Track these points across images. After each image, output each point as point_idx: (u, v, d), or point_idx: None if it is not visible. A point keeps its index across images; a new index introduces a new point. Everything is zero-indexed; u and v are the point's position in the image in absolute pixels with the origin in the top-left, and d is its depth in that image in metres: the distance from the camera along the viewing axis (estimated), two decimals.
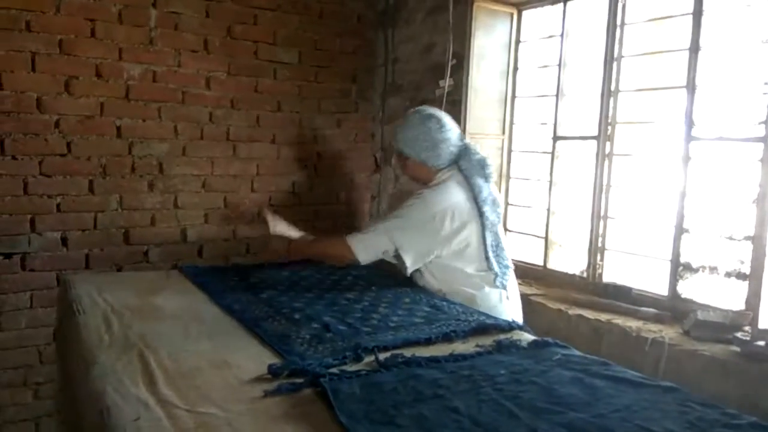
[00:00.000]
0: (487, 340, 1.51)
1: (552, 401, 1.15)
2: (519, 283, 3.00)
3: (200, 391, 1.18)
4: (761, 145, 2.20)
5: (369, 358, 1.36)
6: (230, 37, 3.38)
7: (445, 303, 1.86)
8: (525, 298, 2.84)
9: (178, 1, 3.21)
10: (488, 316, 1.73)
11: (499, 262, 2.14)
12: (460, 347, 1.47)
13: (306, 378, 1.21)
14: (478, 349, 1.45)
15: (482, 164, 2.06)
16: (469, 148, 2.09)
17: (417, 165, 2.05)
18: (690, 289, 2.54)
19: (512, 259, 2.75)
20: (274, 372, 1.25)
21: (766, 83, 2.19)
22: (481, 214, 2.05)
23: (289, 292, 1.92)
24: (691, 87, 2.44)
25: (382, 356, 1.36)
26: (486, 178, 2.10)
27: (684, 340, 2.34)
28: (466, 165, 2.03)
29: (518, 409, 1.11)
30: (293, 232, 2.14)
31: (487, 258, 2.04)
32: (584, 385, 1.22)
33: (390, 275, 2.25)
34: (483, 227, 2.05)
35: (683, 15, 2.48)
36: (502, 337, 1.53)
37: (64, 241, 3.06)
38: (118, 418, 1.05)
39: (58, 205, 3.02)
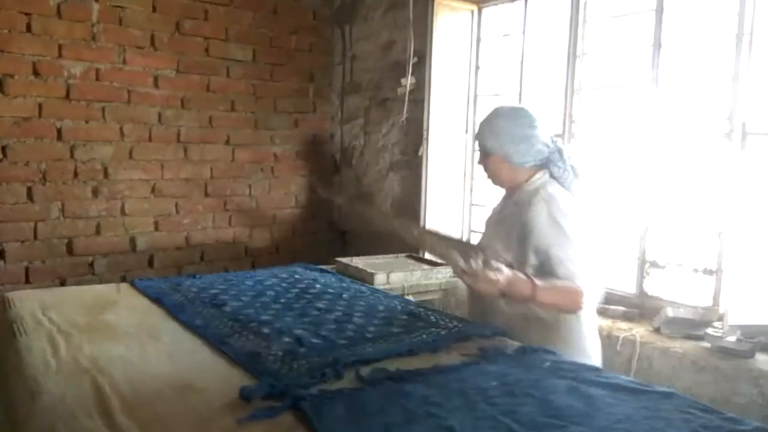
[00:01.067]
0: (471, 349, 1.43)
1: (551, 414, 1.07)
2: None
3: (163, 421, 1.05)
4: (728, 141, 2.22)
5: (349, 374, 1.25)
6: (179, 32, 3.21)
7: (421, 310, 1.77)
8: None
9: None
10: (468, 323, 1.65)
11: None
12: (444, 358, 1.38)
13: (284, 401, 1.10)
14: (463, 359, 1.36)
15: (575, 172, 1.80)
16: (563, 153, 1.81)
17: (499, 161, 1.80)
18: (657, 286, 2.55)
19: None
20: (247, 395, 1.12)
21: (733, 79, 2.20)
22: None
23: (254, 303, 1.78)
24: (655, 83, 2.45)
25: (363, 371, 1.25)
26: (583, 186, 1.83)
27: (655, 337, 2.33)
28: (559, 173, 1.78)
29: (517, 425, 1.03)
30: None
31: None
32: (580, 395, 1.15)
33: (358, 281, 2.15)
34: None
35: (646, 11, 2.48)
36: (486, 344, 1.45)
37: (1, 253, 2.83)
38: None
39: None
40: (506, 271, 1.48)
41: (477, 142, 1.90)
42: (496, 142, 1.79)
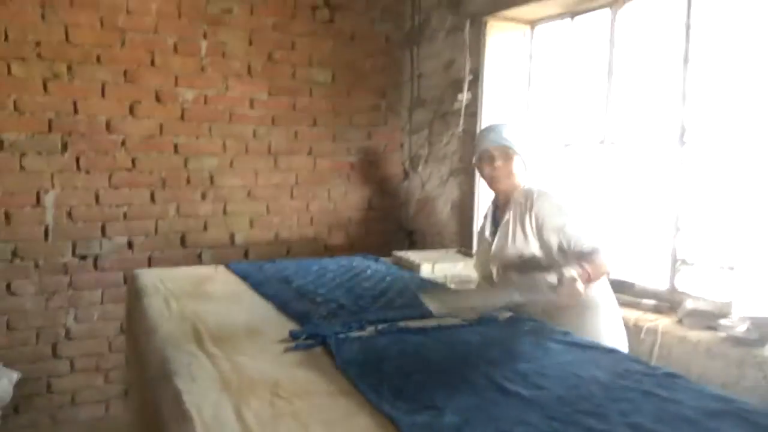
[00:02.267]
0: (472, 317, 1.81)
1: (508, 357, 1.44)
2: None
3: (237, 347, 1.53)
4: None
5: (370, 328, 1.68)
6: (270, 61, 3.79)
7: (442, 286, 2.17)
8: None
9: (225, 32, 3.64)
10: None
11: None
12: (447, 321, 1.77)
13: (317, 339, 1.55)
14: (462, 322, 1.75)
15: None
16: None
17: (519, 164, 2.10)
18: (686, 282, 2.76)
19: None
20: (294, 336, 1.59)
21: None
22: None
23: (315, 281, 2.26)
24: (682, 97, 2.68)
25: (381, 326, 1.68)
26: None
27: (676, 328, 2.56)
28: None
29: (480, 361, 1.41)
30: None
31: None
32: (540, 347, 1.51)
33: (402, 268, 2.58)
34: None
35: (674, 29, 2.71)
36: (485, 314, 1.83)
37: (130, 244, 3.52)
38: (176, 364, 1.41)
39: (124, 214, 3.49)
40: (577, 277, 1.76)
41: (503, 142, 2.10)
42: (526, 147, 2.10)
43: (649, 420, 1.10)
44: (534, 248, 2.03)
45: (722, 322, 2.40)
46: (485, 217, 2.30)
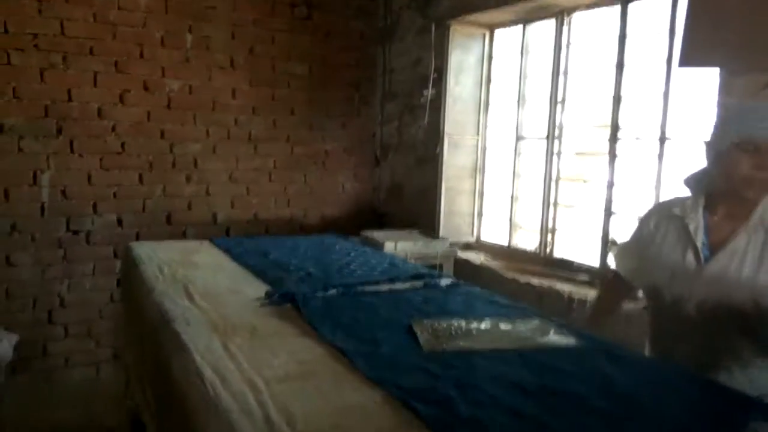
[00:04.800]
0: (419, 283, 2.18)
1: (439, 311, 1.81)
2: (489, 259, 3.69)
3: (222, 303, 1.88)
4: (659, 144, 2.81)
5: (333, 291, 2.04)
6: (252, 54, 4.09)
7: (400, 262, 2.53)
8: (490, 271, 3.50)
9: (209, 26, 3.93)
10: (427, 270, 2.40)
11: None
12: (399, 286, 2.14)
13: (287, 298, 1.90)
14: (409, 287, 2.12)
15: None
16: None
17: None
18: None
19: (482, 240, 3.44)
20: (268, 295, 1.93)
21: (664, 95, 2.79)
22: None
23: (288, 254, 2.61)
24: (616, 97, 3.06)
25: (341, 289, 2.04)
26: None
27: None
28: None
29: (417, 313, 1.78)
30: None
31: None
32: (467, 304, 1.89)
33: (368, 246, 2.94)
34: None
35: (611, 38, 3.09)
36: (430, 281, 2.20)
37: (120, 221, 3.82)
38: (172, 314, 1.75)
39: (114, 193, 3.79)
40: None
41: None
42: None
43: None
44: None
45: (640, 295, 2.81)
46: (676, 219, 1.67)
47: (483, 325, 1.66)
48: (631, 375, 1.39)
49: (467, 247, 3.92)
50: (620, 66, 3.05)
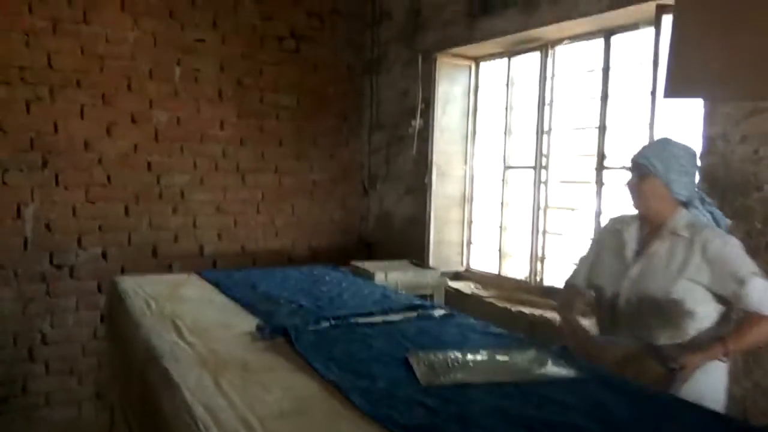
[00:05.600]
0: (413, 314, 2.16)
1: (435, 343, 1.78)
2: (479, 288, 3.67)
3: (211, 338, 1.83)
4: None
5: (325, 323, 2.00)
6: (240, 86, 4.10)
7: (392, 293, 2.51)
8: (480, 300, 3.49)
9: (198, 59, 3.94)
10: (420, 300, 2.37)
11: None
12: (393, 317, 2.11)
13: (279, 331, 1.86)
14: (403, 318, 2.09)
15: (716, 217, 1.95)
16: (705, 199, 1.97)
17: (657, 187, 1.86)
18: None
19: (472, 269, 3.45)
20: (260, 328, 1.90)
21: (649, 125, 2.83)
22: None
23: (280, 287, 2.57)
24: (601, 127, 3.10)
25: (334, 322, 2.00)
26: None
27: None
28: (694, 214, 1.90)
29: (412, 345, 1.75)
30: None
31: None
32: (462, 335, 1.86)
33: (358, 276, 2.92)
34: None
35: (596, 70, 3.15)
36: (423, 311, 2.17)
37: (104, 255, 3.76)
38: (160, 349, 1.70)
39: (99, 226, 3.73)
40: (695, 359, 1.69)
41: (636, 162, 1.90)
42: (664, 167, 1.84)
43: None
44: (686, 292, 1.79)
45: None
46: (617, 232, 2.04)
47: (479, 357, 1.64)
48: (631, 406, 1.37)
49: (457, 276, 3.90)
50: (605, 97, 3.10)
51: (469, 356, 1.64)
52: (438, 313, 2.17)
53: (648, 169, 1.87)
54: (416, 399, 1.36)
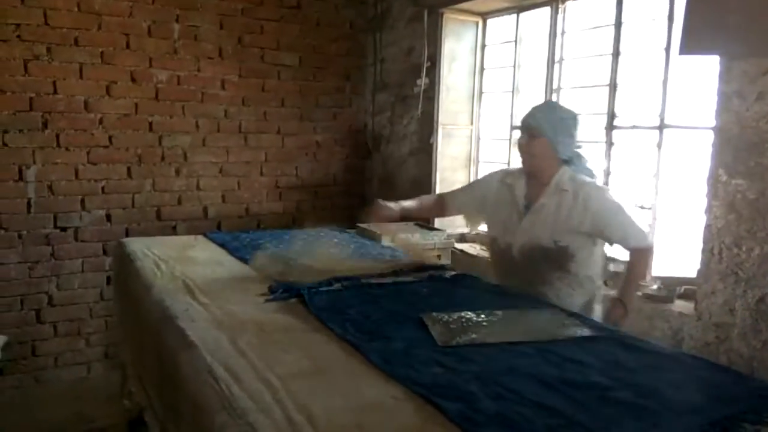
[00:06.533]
0: (423, 275, 2.15)
1: (447, 304, 1.78)
2: (485, 250, 3.67)
3: (224, 299, 1.83)
4: (657, 132, 2.80)
5: (337, 284, 2.00)
6: (241, 45, 4.01)
7: (399, 253, 2.50)
8: (486, 261, 3.47)
9: (197, 16, 3.84)
10: (427, 264, 2.37)
11: None
12: (403, 278, 2.11)
13: (292, 292, 1.86)
14: (414, 279, 2.09)
15: (591, 174, 2.20)
16: (581, 157, 2.18)
17: (544, 146, 2.04)
18: (609, 249, 3.16)
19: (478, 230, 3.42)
20: (273, 290, 1.89)
21: (662, 82, 2.78)
22: None
23: (288, 248, 2.56)
24: (612, 85, 3.05)
25: (346, 282, 2.00)
26: None
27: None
28: (577, 171, 2.13)
29: (424, 305, 1.75)
30: None
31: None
32: (475, 296, 1.86)
33: (365, 239, 2.91)
34: None
35: (608, 26, 3.07)
36: (434, 272, 2.17)
37: (108, 217, 3.73)
38: (174, 310, 1.70)
39: (102, 188, 3.70)
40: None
41: (527, 124, 2.09)
42: (551, 128, 2.03)
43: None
44: (570, 239, 2.04)
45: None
46: (509, 186, 2.22)
47: (494, 317, 1.64)
48: (649, 364, 1.37)
49: (462, 238, 3.90)
50: (616, 54, 3.04)
51: (484, 316, 1.64)
52: (449, 273, 2.17)
53: (538, 130, 2.05)
54: (434, 358, 1.37)
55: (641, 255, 2.12)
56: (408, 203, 2.42)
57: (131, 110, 3.73)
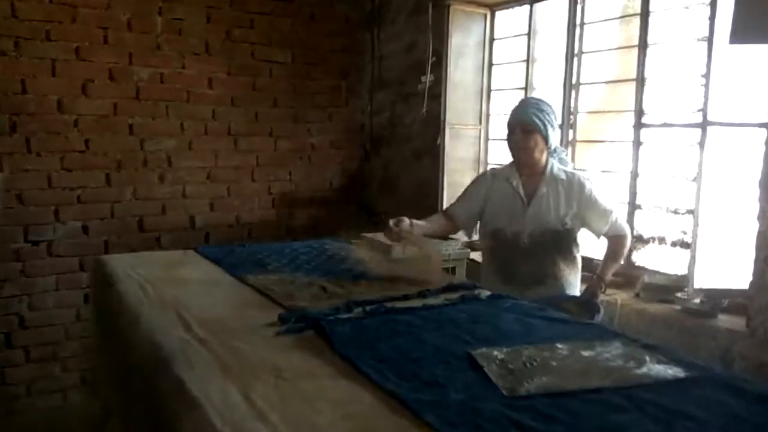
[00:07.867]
0: (455, 296, 1.86)
1: (496, 334, 1.50)
2: None
3: (227, 332, 1.52)
4: (699, 131, 2.55)
5: (358, 310, 1.70)
6: (229, 40, 3.70)
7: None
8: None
9: (182, 8, 3.52)
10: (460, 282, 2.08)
11: None
12: (432, 301, 1.82)
13: (308, 322, 1.56)
14: (446, 301, 1.80)
15: (566, 163, 2.47)
16: (558, 148, 2.45)
17: (541, 141, 2.29)
18: (642, 258, 2.91)
19: None
20: (283, 319, 1.59)
21: (702, 75, 2.53)
22: None
23: (290, 264, 2.26)
24: (640, 80, 2.79)
25: (368, 308, 1.70)
26: None
27: (634, 301, 2.71)
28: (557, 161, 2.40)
29: (469, 337, 1.46)
30: None
31: None
32: (522, 323, 1.58)
33: (373, 250, 2.61)
34: None
35: (634, 15, 2.82)
36: (466, 293, 1.88)
37: (85, 229, 3.40)
38: (169, 350, 1.39)
39: (78, 197, 3.36)
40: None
41: (521, 120, 2.29)
42: (546, 125, 2.26)
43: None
44: (573, 222, 2.33)
45: (678, 295, 2.56)
46: (505, 181, 2.41)
47: (560, 353, 1.35)
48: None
49: (470, 246, 3.62)
50: (644, 45, 2.79)
51: (547, 353, 1.35)
52: (483, 294, 1.88)
53: (532, 126, 2.24)
54: (505, 415, 1.08)
55: (619, 240, 2.39)
56: (421, 223, 2.43)
57: (110, 111, 3.40)
